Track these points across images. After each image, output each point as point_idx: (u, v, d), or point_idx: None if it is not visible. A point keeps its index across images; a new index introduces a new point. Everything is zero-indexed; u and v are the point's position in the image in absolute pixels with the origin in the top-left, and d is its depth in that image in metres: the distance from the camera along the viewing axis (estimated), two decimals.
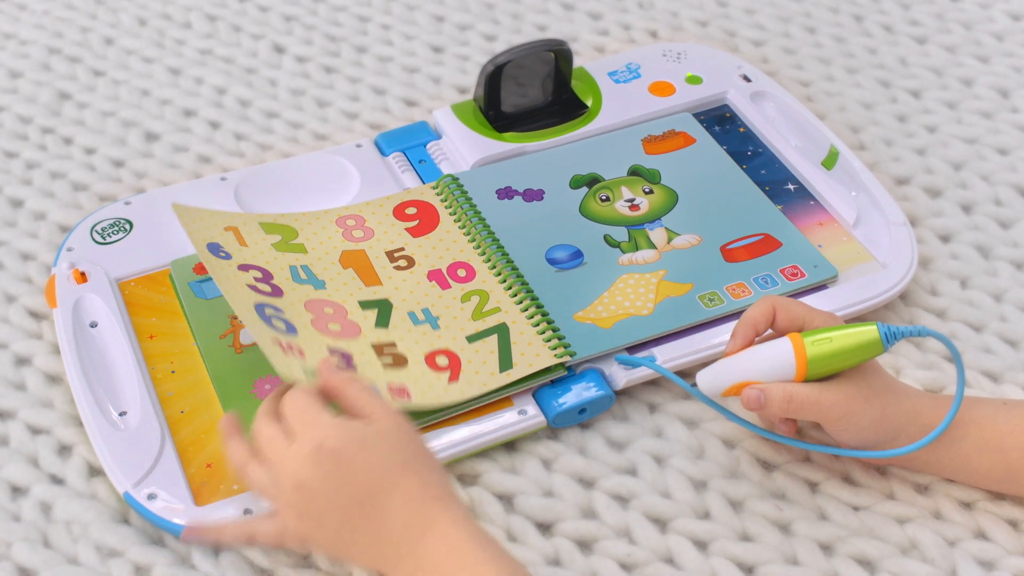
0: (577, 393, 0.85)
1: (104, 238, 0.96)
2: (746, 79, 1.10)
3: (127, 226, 0.97)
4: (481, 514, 0.81)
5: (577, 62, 1.12)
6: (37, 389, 0.88)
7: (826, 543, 0.80)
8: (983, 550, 0.80)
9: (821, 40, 1.19)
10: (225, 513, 0.78)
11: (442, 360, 0.85)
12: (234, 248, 0.85)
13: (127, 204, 0.99)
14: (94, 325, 0.89)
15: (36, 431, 0.85)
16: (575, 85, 1.08)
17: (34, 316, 0.93)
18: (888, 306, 0.94)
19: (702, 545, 0.80)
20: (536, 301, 0.89)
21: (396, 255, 0.92)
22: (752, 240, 0.95)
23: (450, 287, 0.90)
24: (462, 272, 0.91)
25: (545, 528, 0.81)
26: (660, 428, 0.86)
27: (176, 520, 0.78)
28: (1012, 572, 0.79)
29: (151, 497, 0.79)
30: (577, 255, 0.94)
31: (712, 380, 0.79)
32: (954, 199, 1.03)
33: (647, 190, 0.99)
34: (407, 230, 0.94)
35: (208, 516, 0.78)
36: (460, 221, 0.96)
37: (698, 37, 1.19)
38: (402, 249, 0.93)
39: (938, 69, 1.16)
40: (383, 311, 0.87)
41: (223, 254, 0.84)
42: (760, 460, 0.84)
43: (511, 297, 0.90)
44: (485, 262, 0.92)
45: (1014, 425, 0.78)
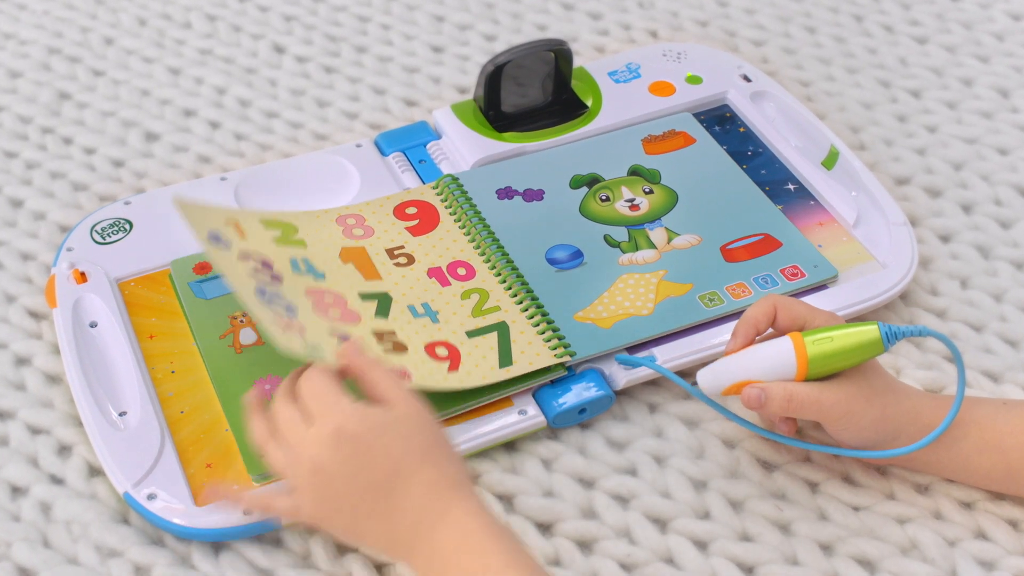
0: (577, 393, 0.85)
1: (104, 238, 0.96)
2: (746, 79, 1.10)
3: (127, 226, 0.97)
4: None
5: (577, 62, 1.12)
6: (37, 389, 0.88)
7: (826, 543, 0.80)
8: (983, 550, 0.80)
9: (821, 40, 1.19)
10: (225, 513, 0.79)
11: (442, 351, 0.85)
12: (234, 239, 0.85)
13: (127, 204, 0.99)
14: (94, 325, 0.89)
15: (36, 431, 0.85)
16: (575, 85, 1.08)
17: (34, 316, 0.93)
18: (888, 306, 0.94)
19: (702, 545, 0.80)
20: (536, 301, 0.89)
21: (396, 253, 0.92)
22: (752, 240, 0.95)
23: (450, 284, 0.90)
24: (462, 271, 0.91)
25: (545, 528, 0.81)
26: (660, 428, 0.86)
27: (176, 520, 0.78)
28: (1012, 572, 0.78)
29: (151, 497, 0.79)
30: (577, 255, 0.94)
31: (713, 379, 0.79)
32: (954, 199, 1.03)
33: (647, 190, 0.99)
34: (407, 229, 0.94)
35: (208, 516, 0.78)
36: (460, 221, 0.95)
37: (698, 37, 1.19)
38: (402, 247, 0.93)
39: (938, 69, 1.16)
40: (383, 303, 0.87)
41: (223, 243, 0.84)
42: (760, 460, 0.84)
43: (511, 297, 0.90)
44: (485, 262, 0.92)
45: (1014, 425, 0.78)
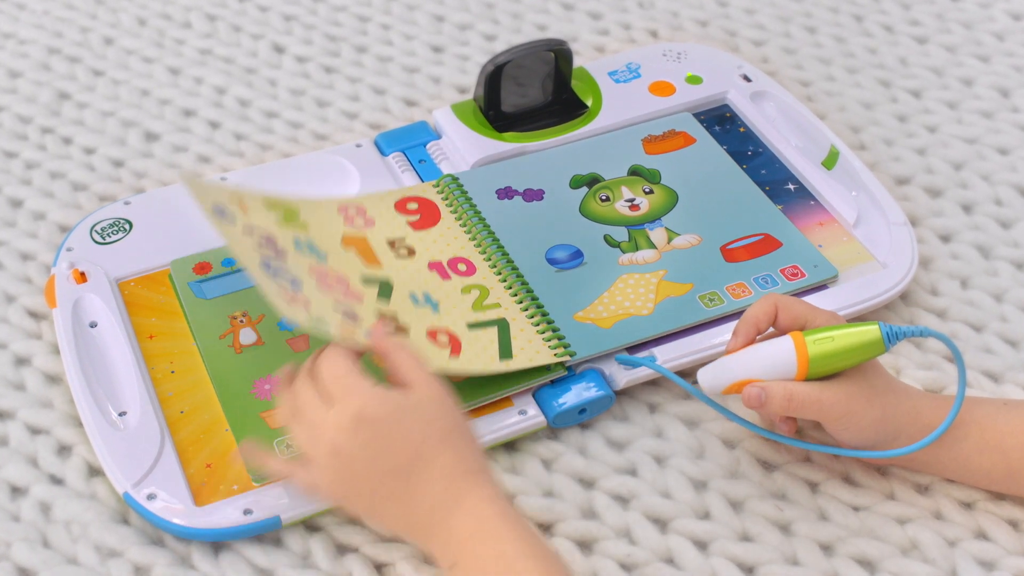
0: (577, 393, 0.85)
1: (104, 238, 0.96)
2: (746, 79, 1.10)
3: (127, 226, 0.97)
4: None
5: (577, 62, 1.12)
6: (37, 389, 0.88)
7: (826, 543, 0.80)
8: (983, 550, 0.80)
9: (821, 40, 1.19)
10: (225, 513, 0.78)
11: (443, 338, 0.84)
12: (238, 215, 0.84)
13: (127, 204, 0.99)
14: (94, 325, 0.89)
15: (36, 431, 0.85)
16: (575, 85, 1.08)
17: (34, 316, 0.93)
18: (888, 306, 0.94)
19: (702, 545, 0.80)
20: (536, 301, 0.89)
21: (397, 244, 0.92)
22: (752, 240, 0.95)
23: (450, 278, 0.90)
24: (462, 267, 0.91)
25: (545, 528, 0.81)
26: (660, 428, 0.86)
27: (176, 520, 0.78)
28: (1012, 572, 0.78)
29: (151, 497, 0.79)
30: (577, 255, 0.94)
31: (713, 378, 0.79)
32: (954, 199, 1.03)
33: (647, 190, 0.99)
34: (408, 224, 0.94)
35: (208, 516, 0.78)
36: (460, 220, 0.95)
37: (698, 37, 1.19)
38: (403, 239, 0.92)
39: (938, 69, 1.16)
40: (384, 288, 0.87)
41: (228, 218, 0.83)
42: (760, 460, 0.84)
43: (511, 297, 0.89)
44: (485, 261, 0.92)
45: (1015, 425, 0.78)
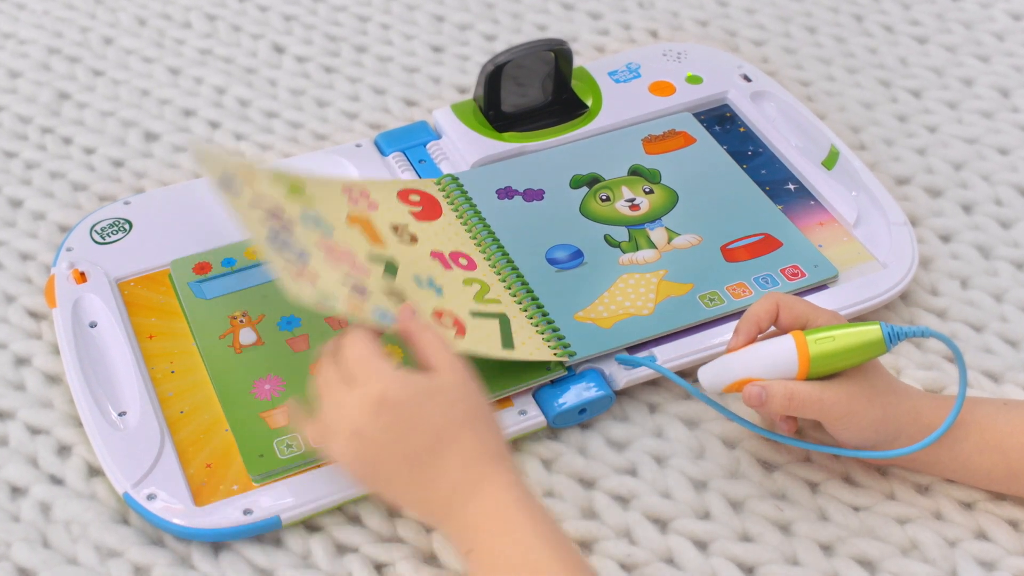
0: (577, 393, 0.85)
1: (103, 238, 0.96)
2: (746, 79, 1.10)
3: (126, 226, 0.97)
4: None
5: (577, 62, 1.11)
6: (36, 389, 0.87)
7: (826, 543, 0.80)
8: (984, 550, 0.80)
9: (821, 40, 1.19)
10: (225, 513, 0.78)
11: (447, 320, 0.84)
12: (245, 187, 0.83)
13: (127, 204, 0.99)
14: (93, 325, 0.89)
15: (35, 431, 0.85)
16: (575, 85, 1.08)
17: (33, 316, 0.93)
18: (888, 306, 0.94)
19: (702, 545, 0.80)
20: (536, 301, 0.89)
21: (400, 230, 0.91)
22: (752, 240, 0.95)
23: (452, 269, 0.89)
24: (463, 261, 0.91)
25: None
26: (660, 428, 0.86)
27: (176, 520, 0.78)
28: (1012, 572, 0.78)
29: (150, 497, 0.79)
30: (577, 255, 0.94)
31: (714, 376, 0.79)
32: (954, 199, 1.03)
33: (647, 190, 0.99)
34: (411, 213, 0.94)
35: (208, 516, 0.78)
36: (461, 219, 0.95)
37: (698, 37, 1.19)
38: (406, 226, 0.91)
39: (938, 69, 1.16)
40: (389, 267, 0.86)
41: (235, 190, 0.83)
42: (760, 460, 0.84)
43: (511, 297, 0.89)
44: (485, 260, 0.92)
45: (1015, 425, 0.78)
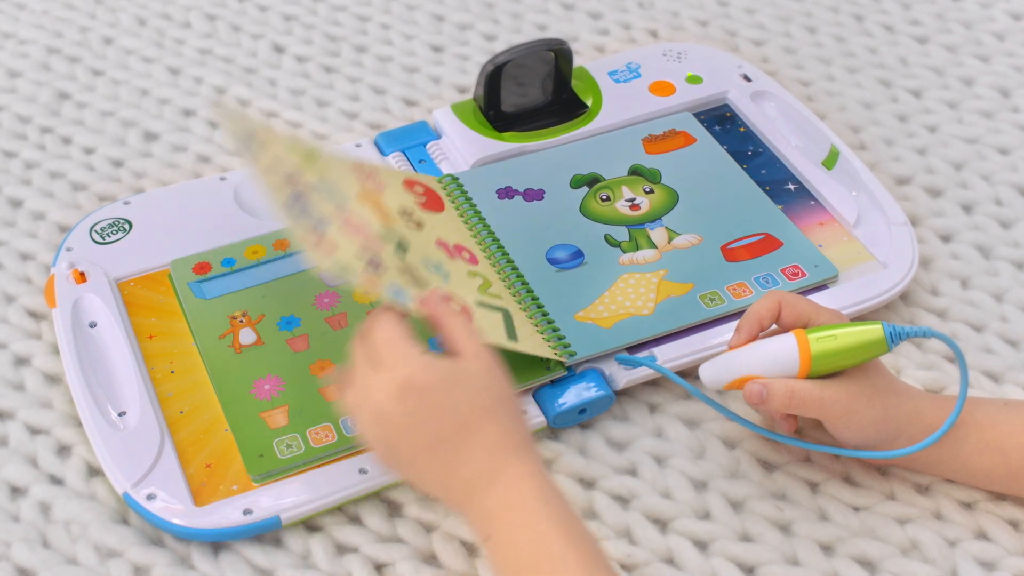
0: (577, 393, 0.85)
1: (103, 238, 0.95)
2: (746, 79, 1.10)
3: (126, 226, 0.97)
4: None
5: (577, 62, 1.11)
6: (36, 389, 0.87)
7: (827, 543, 0.80)
8: (984, 551, 0.80)
9: (821, 40, 1.19)
10: (225, 513, 0.78)
11: (455, 306, 0.83)
12: (264, 151, 0.82)
13: (126, 204, 0.99)
14: (93, 325, 0.89)
15: (35, 431, 0.85)
16: (575, 85, 1.08)
17: (33, 316, 0.93)
18: (889, 306, 0.93)
19: (702, 545, 0.80)
20: (536, 301, 0.89)
21: (407, 215, 0.90)
22: (753, 240, 0.95)
23: (456, 259, 0.89)
24: (466, 255, 0.90)
25: None
26: (660, 428, 0.86)
27: (175, 520, 0.78)
28: (1013, 573, 0.78)
29: (150, 497, 0.79)
30: (578, 255, 0.94)
31: (715, 373, 0.79)
32: (955, 199, 1.03)
33: (648, 190, 0.99)
34: (416, 203, 0.93)
35: (207, 516, 0.78)
36: (462, 218, 0.95)
37: (698, 37, 1.19)
38: (412, 212, 0.91)
39: (939, 69, 1.16)
40: (400, 246, 0.85)
41: (253, 153, 0.82)
42: (760, 460, 0.84)
43: (511, 296, 0.89)
44: (486, 260, 0.92)
45: (1015, 426, 0.78)
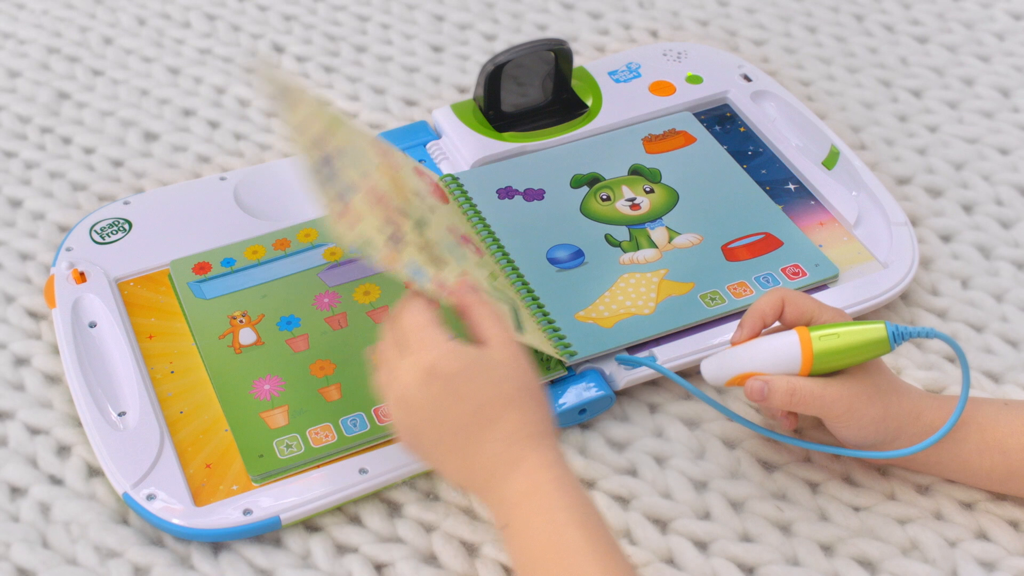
0: (577, 393, 0.85)
1: (103, 238, 0.95)
2: (747, 79, 1.10)
3: (126, 226, 0.97)
4: (482, 514, 0.80)
5: (577, 62, 1.11)
6: (36, 389, 0.87)
7: (827, 544, 0.80)
8: (984, 551, 0.79)
9: (822, 40, 1.19)
10: (225, 514, 0.78)
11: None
12: (293, 112, 0.82)
13: (126, 204, 0.99)
14: (93, 325, 0.89)
15: (35, 431, 0.85)
16: (575, 85, 1.08)
17: (33, 316, 0.92)
18: (889, 306, 0.93)
19: (702, 546, 0.80)
20: (537, 301, 0.89)
21: (420, 197, 0.88)
22: (753, 239, 0.95)
23: (464, 248, 0.88)
24: (472, 247, 0.90)
25: None
26: (660, 428, 0.86)
27: (175, 521, 0.78)
28: (1013, 573, 0.78)
29: (150, 497, 0.79)
30: (578, 255, 0.94)
31: (716, 369, 0.79)
32: (955, 199, 1.03)
33: (648, 189, 0.99)
34: (427, 190, 0.92)
35: (207, 517, 0.78)
36: (464, 217, 0.95)
37: (699, 37, 1.19)
38: (425, 198, 0.90)
39: (939, 68, 1.16)
40: (420, 222, 0.84)
41: (285, 109, 0.82)
42: (761, 460, 0.84)
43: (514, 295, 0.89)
44: (489, 256, 0.92)
45: (1015, 426, 0.78)
